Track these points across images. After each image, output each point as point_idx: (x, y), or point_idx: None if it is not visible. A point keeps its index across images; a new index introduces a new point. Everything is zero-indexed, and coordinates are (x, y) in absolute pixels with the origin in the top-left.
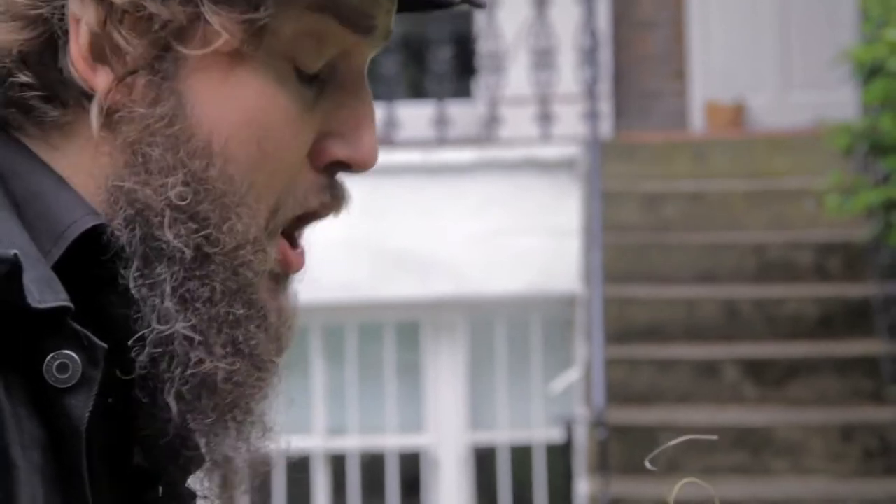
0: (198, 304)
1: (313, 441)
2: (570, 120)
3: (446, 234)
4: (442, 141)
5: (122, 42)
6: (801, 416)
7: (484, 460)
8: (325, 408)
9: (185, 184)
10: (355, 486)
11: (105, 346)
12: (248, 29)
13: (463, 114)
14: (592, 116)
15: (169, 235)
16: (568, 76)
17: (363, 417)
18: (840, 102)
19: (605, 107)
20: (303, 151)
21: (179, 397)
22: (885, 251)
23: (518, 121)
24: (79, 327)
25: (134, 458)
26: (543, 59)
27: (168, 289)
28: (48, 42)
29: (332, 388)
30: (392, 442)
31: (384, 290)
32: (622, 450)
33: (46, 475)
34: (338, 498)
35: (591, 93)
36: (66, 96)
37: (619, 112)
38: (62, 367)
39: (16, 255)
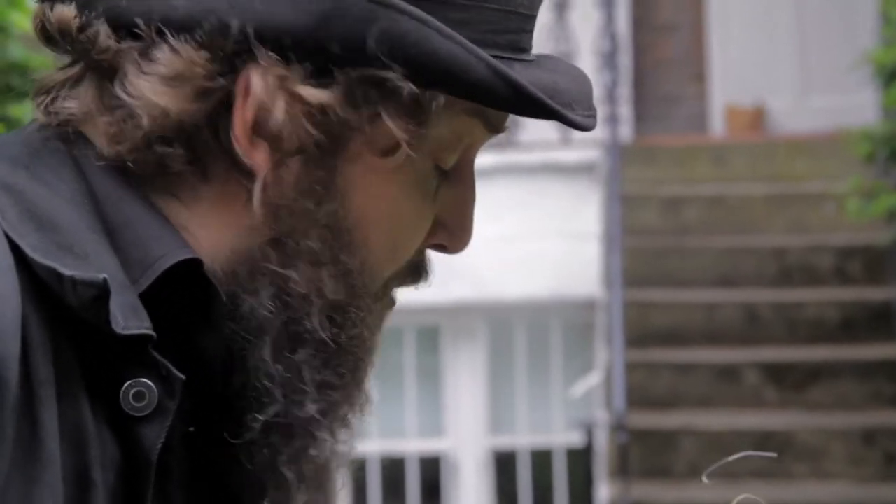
0: (329, 391)
1: None
2: None
3: None
4: None
5: (301, 132)
6: (822, 421)
7: (504, 464)
8: None
9: (335, 277)
10: (376, 491)
11: (183, 377)
12: (413, 137)
13: None
14: (612, 120)
15: (315, 325)
16: None
17: (383, 422)
18: (860, 106)
19: (625, 111)
20: (422, 239)
21: (298, 470)
22: None
23: (538, 125)
24: (159, 357)
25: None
26: None
27: (307, 375)
28: (212, 112)
29: None
30: (412, 446)
31: (403, 295)
32: (642, 454)
33: (117, 498)
34: (358, 502)
35: (610, 97)
36: (212, 164)
37: (639, 116)
38: (139, 396)
39: (105, 279)
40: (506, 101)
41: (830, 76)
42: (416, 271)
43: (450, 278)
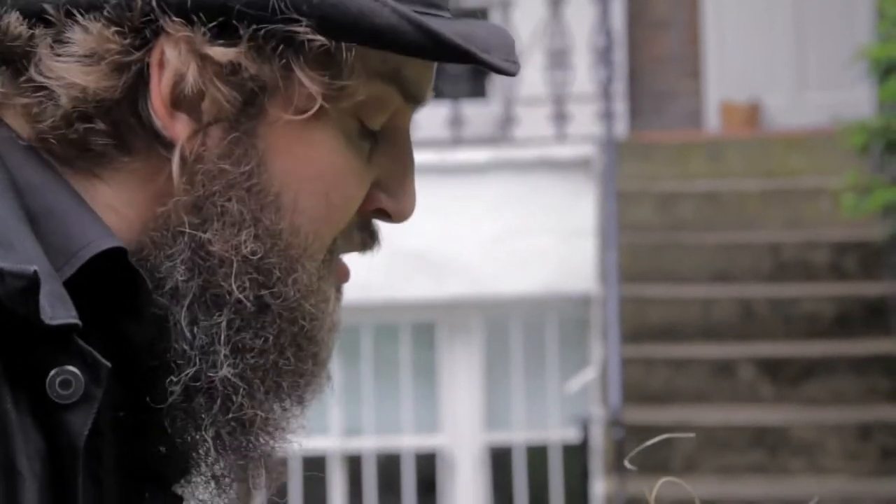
0: (248, 354)
1: (329, 441)
2: (584, 120)
3: (461, 234)
4: (457, 141)
5: (216, 94)
6: (818, 416)
7: (500, 460)
8: (340, 408)
9: (257, 237)
10: (371, 487)
11: (108, 364)
12: (329, 90)
13: (478, 114)
14: (607, 116)
15: (233, 287)
16: (583, 76)
17: (379, 418)
18: (856, 101)
19: (620, 106)
20: (360, 201)
21: (217, 436)
22: None
23: (533, 121)
24: (84, 345)
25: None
26: (558, 59)
27: (223, 336)
28: (129, 87)
29: (347, 389)
30: (408, 442)
31: (399, 291)
32: None
33: (44, 487)
34: (353, 498)
35: (605, 93)
36: (133, 138)
37: (634, 112)
38: (65, 384)
39: (35, 271)
40: (416, 45)
41: (826, 72)
42: (363, 235)
43: (445, 274)
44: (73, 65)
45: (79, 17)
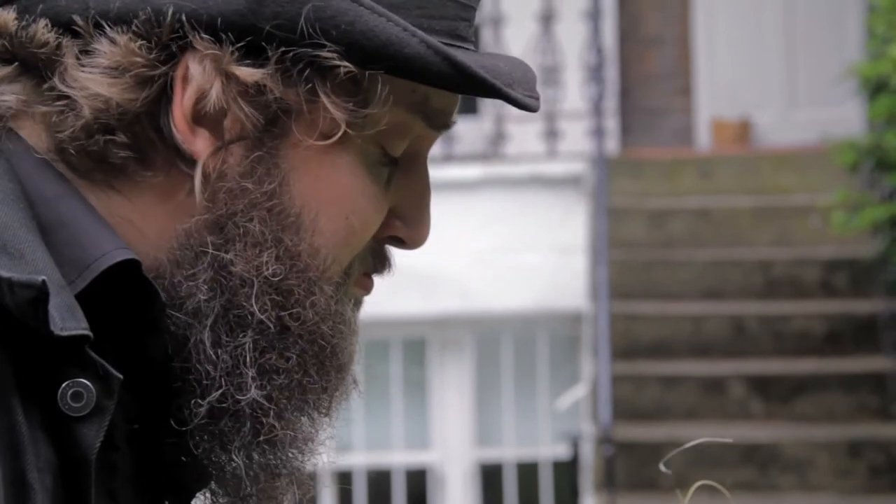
0: (275, 375)
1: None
2: (576, 136)
3: (453, 250)
4: (448, 157)
5: (238, 113)
6: (808, 433)
7: (490, 477)
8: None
9: (278, 258)
10: (361, 503)
11: (120, 377)
12: (354, 117)
13: (469, 130)
14: (598, 133)
15: (255, 308)
16: (574, 93)
17: (369, 434)
18: (845, 119)
19: (611, 123)
20: (377, 226)
21: (248, 457)
22: (892, 267)
23: (524, 137)
24: (96, 357)
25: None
26: (550, 75)
27: (248, 358)
28: (152, 101)
29: None
30: (398, 458)
31: (390, 307)
32: (628, 466)
33: (56, 501)
34: None
35: (597, 109)
36: (153, 153)
37: (625, 129)
38: (76, 396)
39: (43, 281)
40: (442, 77)
41: (816, 89)
42: (377, 260)
43: (436, 290)
44: (97, 76)
45: (107, 29)
